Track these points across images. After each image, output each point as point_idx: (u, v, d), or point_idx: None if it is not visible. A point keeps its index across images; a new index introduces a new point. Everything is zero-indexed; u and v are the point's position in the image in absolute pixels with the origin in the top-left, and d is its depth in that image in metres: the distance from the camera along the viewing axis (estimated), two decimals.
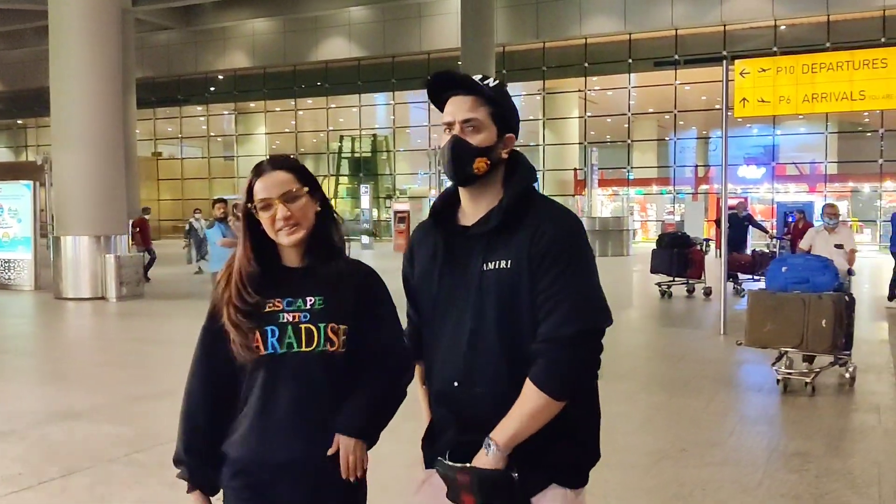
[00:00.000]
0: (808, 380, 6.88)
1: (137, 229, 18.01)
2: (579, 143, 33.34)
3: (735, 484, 4.75)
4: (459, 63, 29.32)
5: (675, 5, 29.33)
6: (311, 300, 1.96)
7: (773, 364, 7.21)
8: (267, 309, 1.95)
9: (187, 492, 2.09)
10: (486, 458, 1.81)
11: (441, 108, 2.00)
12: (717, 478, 4.86)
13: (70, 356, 9.80)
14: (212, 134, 42.13)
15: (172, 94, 39.82)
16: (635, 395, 6.93)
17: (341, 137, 38.56)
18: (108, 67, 14.73)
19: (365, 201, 32.46)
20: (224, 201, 10.41)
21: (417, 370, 2.13)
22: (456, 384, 1.93)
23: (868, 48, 12.31)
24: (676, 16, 29.39)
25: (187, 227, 19.93)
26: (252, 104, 39.79)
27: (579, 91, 33.03)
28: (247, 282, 1.97)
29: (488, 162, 1.93)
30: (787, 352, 6.95)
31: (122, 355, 9.38)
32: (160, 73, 38.66)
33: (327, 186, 39.22)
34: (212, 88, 39.72)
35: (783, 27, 28.89)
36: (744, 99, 9.87)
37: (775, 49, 27.64)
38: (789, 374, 6.97)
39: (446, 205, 2.06)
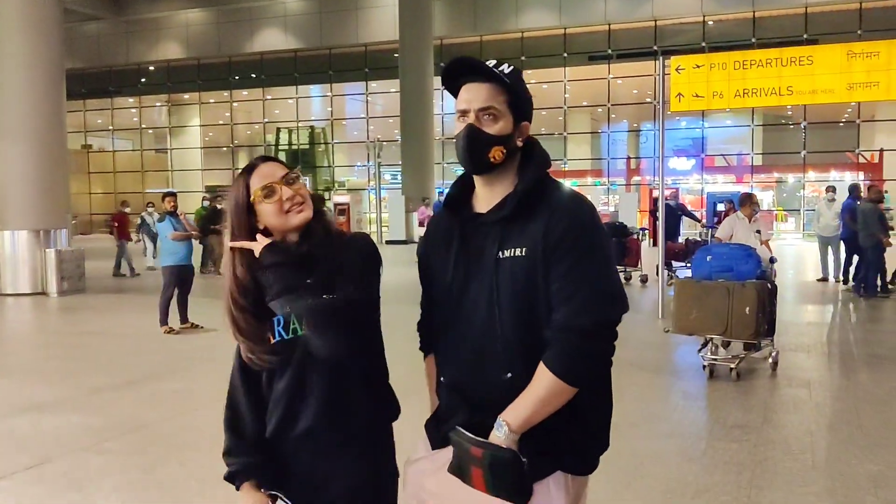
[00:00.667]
0: (732, 365, 7.18)
1: (116, 224, 17.92)
2: None
3: (681, 454, 5.13)
4: (396, 55, 29.48)
5: (608, 0, 29.99)
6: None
7: (700, 350, 7.60)
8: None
9: (237, 489, 2.11)
10: (499, 438, 1.81)
11: (455, 94, 1.99)
12: (665, 448, 5.23)
13: (19, 352, 9.73)
14: (144, 126, 41.35)
15: (103, 85, 38.93)
16: None
17: (278, 129, 38.26)
18: (48, 59, 14.52)
19: None
20: (174, 195, 10.38)
21: (427, 361, 2.18)
22: (470, 370, 1.95)
23: (792, 45, 12.89)
24: (609, 11, 30.06)
25: (139, 221, 19.64)
26: (186, 96, 39.19)
27: None
28: (240, 292, 2.04)
29: (504, 151, 1.93)
30: (712, 338, 7.32)
31: (72, 349, 9.35)
32: (90, 64, 37.75)
33: None
34: (143, 80, 38.98)
35: (711, 23, 29.80)
36: (679, 94, 10.33)
37: (704, 44, 28.54)
38: (715, 360, 7.31)
39: (461, 191, 2.07)
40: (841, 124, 31.94)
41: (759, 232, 9.82)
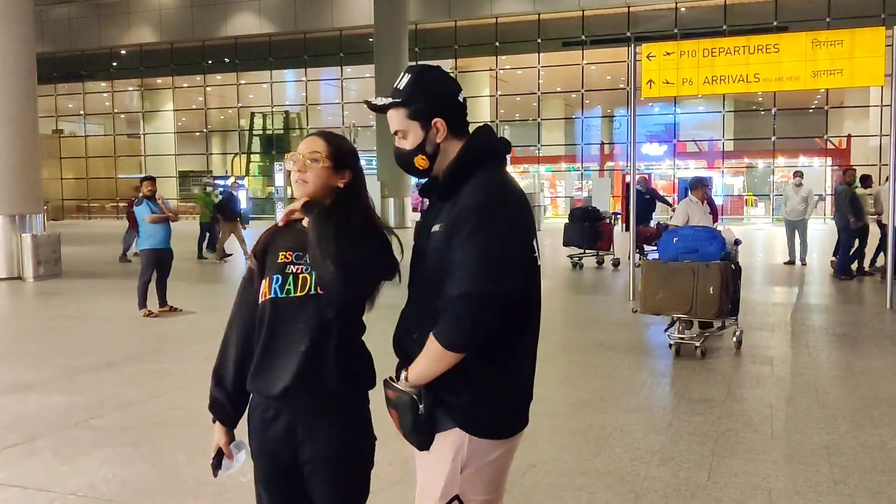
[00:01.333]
0: (697, 344, 7.41)
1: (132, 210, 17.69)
2: (490, 122, 33.96)
3: (648, 426, 5.37)
4: (371, 40, 29.49)
5: None
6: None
7: (666, 330, 7.86)
8: (279, 259, 2.28)
9: (213, 421, 2.43)
10: (399, 384, 2.14)
11: None
12: (632, 421, 5.48)
13: None
14: (116, 111, 41.01)
15: (75, 69, 38.54)
16: (554, 355, 7.53)
17: (252, 114, 38.14)
18: (20, 43, 14.43)
19: (279, 179, 32.34)
20: (152, 179, 10.44)
21: None
22: (402, 328, 2.27)
23: (762, 33, 13.14)
24: None
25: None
26: (159, 80, 38.88)
27: (490, 70, 33.64)
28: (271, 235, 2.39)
29: (425, 156, 2.20)
30: (679, 318, 7.58)
31: (50, 333, 9.43)
32: (61, 48, 37.35)
33: (238, 164, 38.80)
34: (116, 64, 38.64)
35: (683, 9, 30.11)
36: (650, 80, 10.56)
37: (676, 30, 28.84)
38: (681, 339, 7.53)
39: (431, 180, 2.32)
40: (810, 111, 32.46)
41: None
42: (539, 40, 31.84)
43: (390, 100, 2.19)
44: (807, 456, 4.76)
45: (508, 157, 2.31)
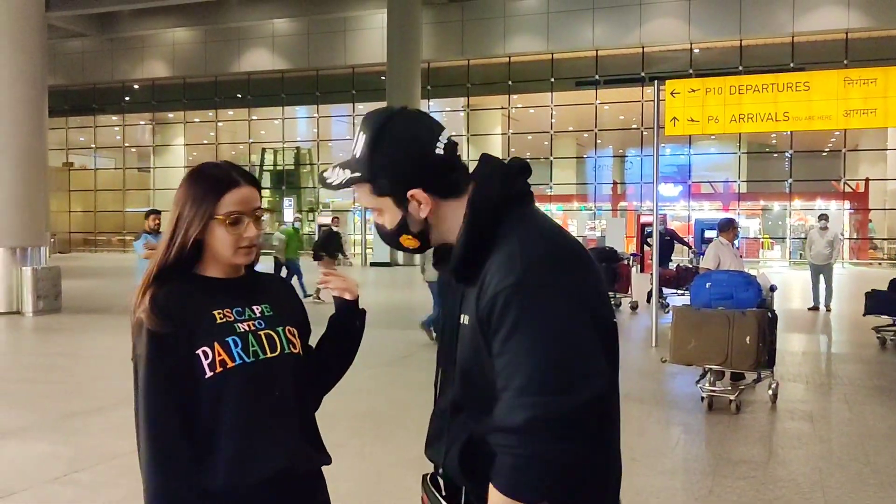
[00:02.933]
0: (731, 397, 6.88)
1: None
2: (502, 160, 33.62)
3: (687, 492, 4.86)
4: (383, 78, 29.35)
5: (595, 26, 30.05)
6: (258, 308, 1.88)
7: (698, 381, 7.34)
8: (219, 320, 1.81)
9: None
10: None
11: None
12: (669, 486, 4.96)
13: None
14: (127, 144, 40.96)
15: (86, 102, 38.56)
16: None
17: (263, 150, 38.02)
18: (30, 74, 14.20)
19: (288, 214, 32.04)
20: (157, 213, 9.99)
21: None
22: (436, 431, 1.70)
23: (780, 72, 12.78)
24: (597, 37, 30.11)
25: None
26: (170, 115, 38.86)
27: (502, 108, 33.46)
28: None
29: (411, 235, 1.64)
30: (710, 369, 7.06)
31: (46, 371, 8.98)
32: (73, 81, 37.43)
33: None
34: (128, 98, 38.66)
35: (698, 50, 29.92)
36: (674, 118, 10.16)
37: (691, 71, 28.59)
38: (713, 391, 7.02)
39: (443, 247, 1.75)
40: (825, 153, 32.08)
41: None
42: (552, 79, 31.66)
43: (347, 175, 1.63)
44: None
45: (531, 189, 1.68)
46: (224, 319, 1.81)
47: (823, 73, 10.16)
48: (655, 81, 10.58)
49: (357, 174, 1.63)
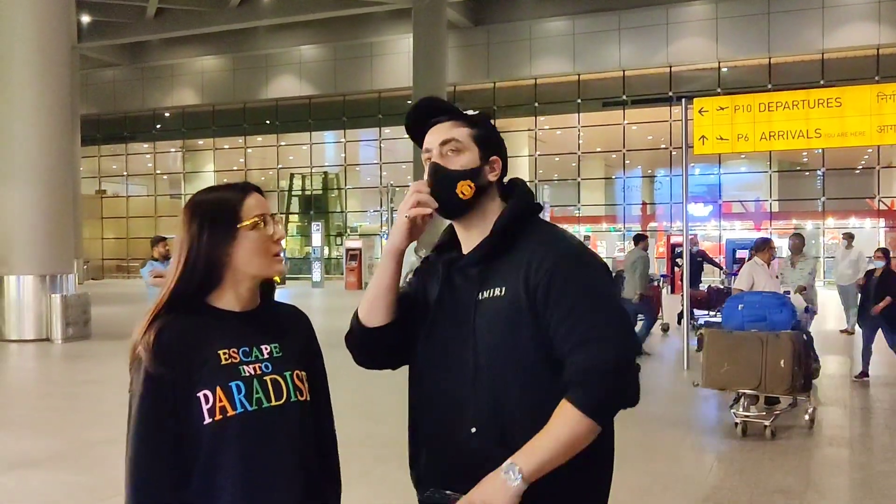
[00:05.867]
0: (767, 422, 6.68)
1: None
2: (529, 181, 33.50)
3: None
4: (410, 101, 29.46)
5: (622, 47, 29.95)
6: (266, 349, 1.75)
7: (731, 406, 7.12)
8: (224, 361, 1.69)
9: None
10: (504, 485, 1.61)
11: (421, 145, 1.91)
12: None
13: (18, 401, 9.35)
14: (158, 171, 41.46)
15: (118, 131, 39.08)
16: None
17: (291, 175, 38.26)
18: (58, 103, 14.39)
19: (316, 239, 32.17)
20: (164, 240, 9.94)
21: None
22: (443, 422, 1.80)
23: (811, 89, 12.60)
24: (624, 57, 30.00)
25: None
26: (200, 141, 39.30)
27: (529, 130, 33.39)
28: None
29: (472, 185, 1.80)
30: (744, 393, 6.86)
31: (71, 399, 8.99)
32: (105, 110, 38.00)
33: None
34: (158, 126, 39.17)
35: (726, 69, 29.68)
36: (703, 136, 10.02)
37: (719, 90, 28.34)
38: (748, 416, 6.81)
39: (450, 237, 1.94)
40: (858, 171, 31.60)
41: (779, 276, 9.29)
42: (579, 101, 31.55)
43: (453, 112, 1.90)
44: None
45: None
46: (229, 361, 1.70)
47: (856, 88, 9.99)
48: (683, 100, 10.45)
49: (469, 116, 1.89)
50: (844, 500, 5.10)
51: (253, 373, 1.70)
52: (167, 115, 38.70)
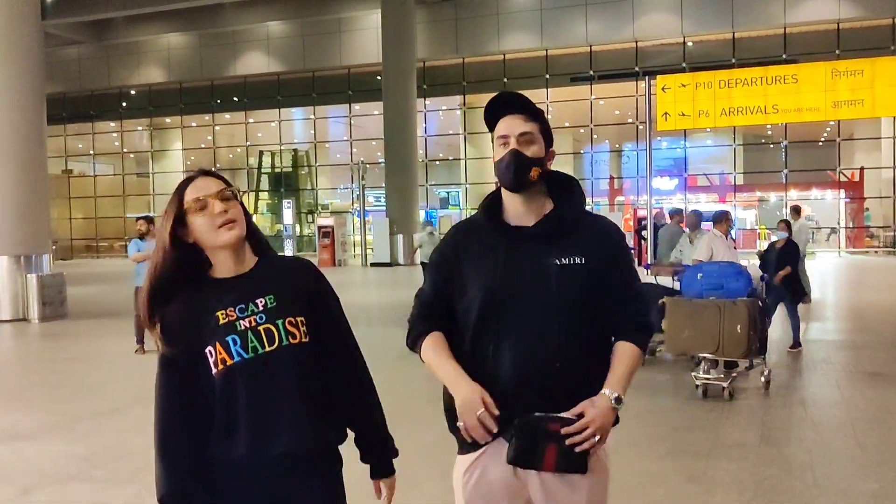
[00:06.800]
0: (725, 384, 7.06)
1: None
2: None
3: (683, 474, 5.05)
4: (379, 77, 29.53)
5: (589, 22, 30.22)
6: (261, 301, 2.03)
7: (693, 370, 7.52)
8: (222, 321, 2.00)
9: None
10: (611, 409, 2.18)
11: (492, 125, 2.38)
12: (666, 469, 5.16)
13: (3, 378, 9.52)
14: (125, 150, 41.11)
15: (84, 109, 38.65)
16: None
17: (261, 153, 38.14)
18: (28, 83, 14.37)
19: (287, 216, 32.22)
20: (147, 219, 10.33)
21: (429, 339, 2.34)
22: (528, 364, 2.18)
23: (772, 65, 12.95)
24: (591, 32, 30.28)
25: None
26: (168, 119, 39.00)
27: None
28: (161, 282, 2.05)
29: (540, 171, 2.28)
30: (704, 357, 7.25)
31: (55, 375, 9.17)
32: (71, 88, 37.51)
33: (248, 202, 38.74)
34: (125, 104, 38.79)
35: (691, 44, 30.08)
36: (665, 113, 10.36)
37: (685, 64, 28.74)
38: (708, 379, 7.20)
39: (495, 204, 2.38)
40: (821, 143, 32.27)
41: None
42: (547, 76, 31.82)
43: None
44: None
45: None
46: (226, 319, 2.01)
47: (811, 65, 10.35)
48: (647, 77, 10.76)
49: (538, 112, 2.36)
50: (795, 451, 5.49)
51: (248, 325, 2.01)
52: (133, 92, 38.32)
